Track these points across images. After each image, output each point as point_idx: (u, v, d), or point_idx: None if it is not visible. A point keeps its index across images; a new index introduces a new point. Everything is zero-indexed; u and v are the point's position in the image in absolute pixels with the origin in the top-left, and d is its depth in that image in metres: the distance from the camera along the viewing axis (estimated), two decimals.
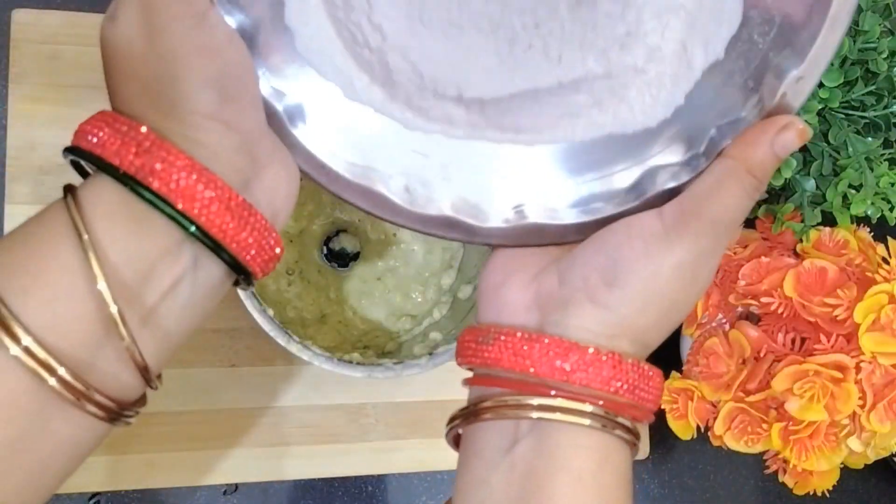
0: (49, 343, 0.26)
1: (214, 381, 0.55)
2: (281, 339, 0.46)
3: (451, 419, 0.33)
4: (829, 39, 0.30)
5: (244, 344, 0.56)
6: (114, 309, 0.27)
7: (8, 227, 0.53)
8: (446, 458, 0.43)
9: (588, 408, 0.30)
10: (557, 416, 0.30)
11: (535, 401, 0.30)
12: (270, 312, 0.47)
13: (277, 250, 0.31)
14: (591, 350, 0.30)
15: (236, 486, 0.56)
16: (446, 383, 0.55)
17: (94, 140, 0.28)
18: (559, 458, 0.30)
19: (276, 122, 0.32)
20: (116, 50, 0.28)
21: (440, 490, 0.60)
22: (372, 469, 0.58)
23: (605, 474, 0.30)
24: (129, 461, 0.54)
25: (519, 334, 0.31)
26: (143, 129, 0.28)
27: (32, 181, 0.53)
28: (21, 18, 0.54)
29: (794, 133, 0.31)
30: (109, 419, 0.28)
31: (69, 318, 0.27)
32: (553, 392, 0.30)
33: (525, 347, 0.30)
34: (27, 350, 0.26)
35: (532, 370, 0.30)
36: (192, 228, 0.28)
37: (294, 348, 0.47)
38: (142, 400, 0.30)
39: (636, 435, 0.31)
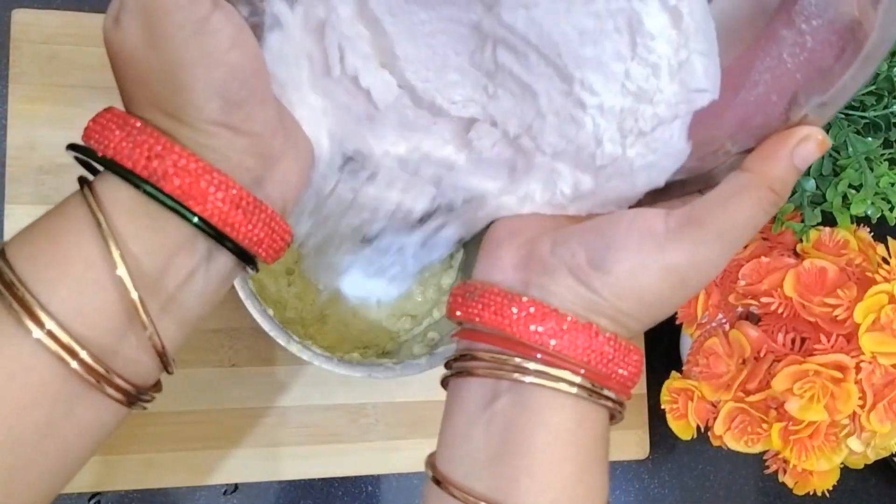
0: (74, 330, 0.27)
1: (214, 381, 0.55)
2: (281, 339, 0.46)
3: (444, 376, 0.34)
4: (858, 75, 0.29)
5: (244, 344, 0.56)
6: (135, 296, 0.28)
7: (8, 227, 0.53)
8: None
9: (572, 377, 0.30)
10: (543, 381, 0.30)
11: (519, 361, 0.30)
12: (270, 312, 0.47)
13: (288, 238, 0.32)
14: (569, 318, 0.30)
15: (236, 486, 0.56)
16: None
17: (106, 142, 0.28)
18: (538, 414, 0.30)
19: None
20: (121, 55, 0.28)
21: None
22: (372, 469, 0.58)
23: (582, 433, 0.31)
24: (129, 461, 0.54)
25: (499, 292, 0.31)
26: (155, 132, 0.28)
27: (32, 181, 0.53)
28: (21, 18, 0.54)
29: (814, 144, 0.30)
30: (128, 403, 0.29)
31: (95, 308, 0.28)
32: (539, 356, 0.30)
33: (504, 306, 0.31)
34: (50, 334, 0.27)
35: (509, 330, 0.31)
36: (207, 229, 0.29)
37: (294, 348, 0.47)
38: (158, 385, 0.32)
39: (620, 404, 0.32)
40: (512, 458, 0.30)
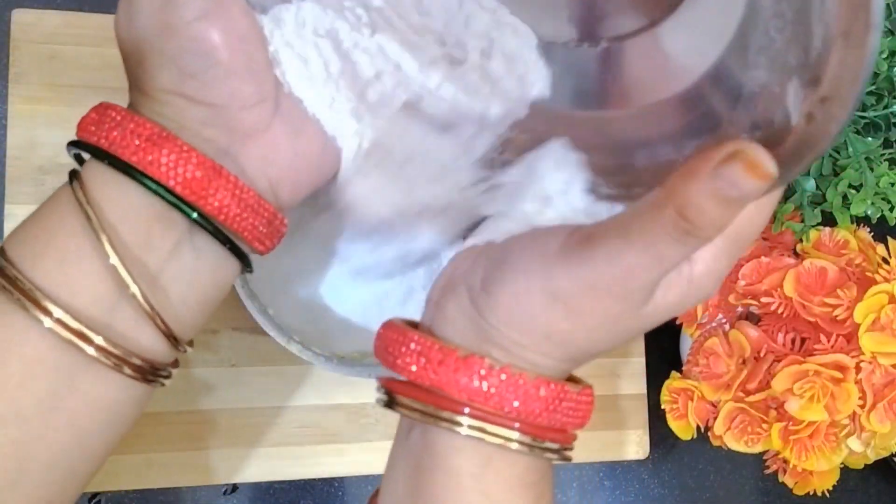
0: (63, 300, 0.28)
1: (214, 381, 0.55)
2: (281, 339, 0.46)
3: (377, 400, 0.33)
4: (846, 58, 0.23)
5: (244, 344, 0.56)
6: (114, 260, 0.28)
7: (8, 228, 0.53)
8: None
9: (446, 414, 0.27)
10: (418, 417, 0.28)
11: (403, 400, 0.28)
12: (271, 312, 0.47)
13: (275, 221, 0.31)
14: (453, 351, 0.27)
15: (236, 486, 0.56)
16: None
17: (83, 126, 0.30)
18: (438, 456, 0.28)
19: None
20: (118, 40, 0.30)
21: None
22: (372, 469, 0.58)
23: (488, 477, 0.28)
24: (129, 461, 0.54)
25: (390, 326, 0.29)
26: (118, 106, 0.29)
27: (32, 181, 0.53)
28: (21, 18, 0.54)
29: (740, 167, 0.21)
30: (144, 379, 0.30)
31: (80, 276, 0.28)
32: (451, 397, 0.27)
33: (391, 342, 0.29)
34: (59, 321, 0.27)
35: (392, 365, 0.28)
36: (165, 194, 0.28)
37: (294, 348, 0.47)
38: (175, 362, 0.32)
39: (560, 451, 0.28)
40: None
